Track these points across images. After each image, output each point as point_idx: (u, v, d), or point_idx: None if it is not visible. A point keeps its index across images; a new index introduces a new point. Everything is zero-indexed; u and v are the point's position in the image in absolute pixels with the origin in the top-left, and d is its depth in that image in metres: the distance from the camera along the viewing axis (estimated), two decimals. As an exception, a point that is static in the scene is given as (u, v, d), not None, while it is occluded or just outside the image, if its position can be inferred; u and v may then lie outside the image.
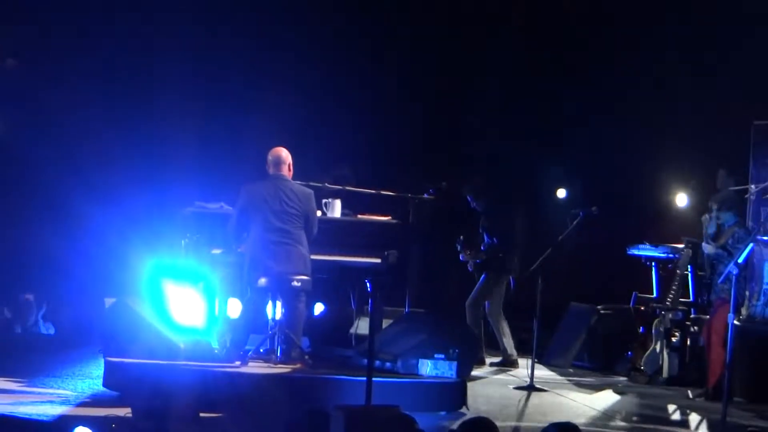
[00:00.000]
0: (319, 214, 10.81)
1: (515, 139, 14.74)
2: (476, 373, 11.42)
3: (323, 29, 14.61)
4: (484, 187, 12.48)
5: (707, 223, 11.45)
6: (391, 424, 7.30)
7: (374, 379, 8.37)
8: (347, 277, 11.29)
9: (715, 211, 11.39)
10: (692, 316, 12.24)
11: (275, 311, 10.26)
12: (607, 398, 11.14)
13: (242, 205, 10.33)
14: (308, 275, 10.26)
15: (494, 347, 12.43)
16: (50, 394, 9.54)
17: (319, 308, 11.67)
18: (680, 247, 12.09)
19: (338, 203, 11.37)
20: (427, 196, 11.52)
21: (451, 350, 10.05)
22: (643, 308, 12.47)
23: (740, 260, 9.30)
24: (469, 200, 12.47)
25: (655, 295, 12.75)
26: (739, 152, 12.74)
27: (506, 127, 14.88)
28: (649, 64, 14.35)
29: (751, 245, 9.69)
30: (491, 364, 12.25)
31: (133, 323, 10.00)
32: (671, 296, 11.90)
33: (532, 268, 11.22)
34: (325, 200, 11.32)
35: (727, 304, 9.98)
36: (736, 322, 9.30)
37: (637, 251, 12.83)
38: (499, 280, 12.30)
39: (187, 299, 10.26)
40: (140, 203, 12.79)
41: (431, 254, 12.72)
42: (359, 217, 11.47)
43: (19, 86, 13.59)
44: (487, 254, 12.26)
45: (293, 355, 10.16)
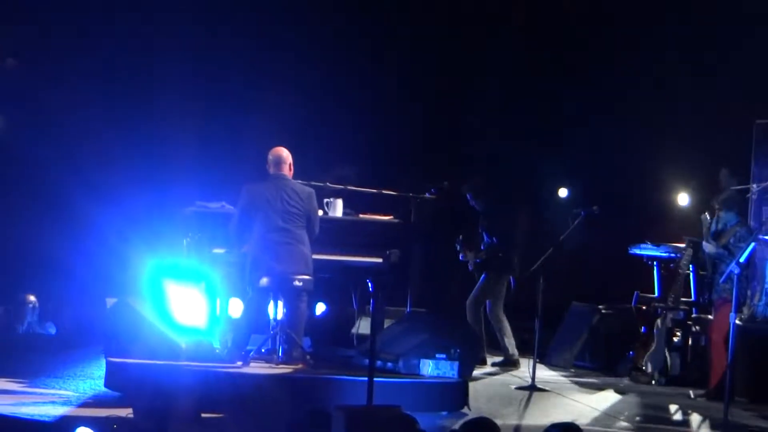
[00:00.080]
0: (320, 213, 10.81)
1: (515, 139, 14.73)
2: (478, 373, 11.39)
3: (323, 29, 14.60)
4: (483, 186, 12.46)
5: (707, 221, 11.44)
6: (392, 424, 7.29)
7: (376, 379, 8.34)
8: (349, 276, 11.28)
9: (717, 210, 11.39)
10: (694, 315, 12.25)
11: (277, 311, 10.24)
12: (608, 398, 11.12)
13: (244, 204, 10.32)
14: (310, 275, 10.24)
15: (496, 347, 12.41)
16: (52, 394, 9.53)
17: (320, 308, 11.64)
18: (682, 246, 12.08)
19: (340, 203, 11.36)
20: (428, 195, 11.52)
21: (452, 350, 10.04)
22: (644, 308, 12.45)
23: (742, 260, 9.32)
24: (468, 199, 12.44)
25: (656, 294, 12.75)
26: (739, 152, 12.73)
27: (506, 127, 14.87)
28: (649, 64, 14.35)
29: (752, 244, 9.70)
30: (493, 364, 12.23)
31: (134, 323, 10.00)
32: (673, 296, 11.89)
33: (533, 267, 11.21)
34: (326, 200, 11.31)
35: (728, 303, 9.99)
36: (737, 321, 9.30)
37: (638, 251, 12.83)
38: (499, 279, 12.28)
39: (188, 299, 10.25)
40: (141, 203, 12.79)
41: (433, 254, 12.73)
42: (361, 216, 11.46)
43: (19, 86, 13.57)
44: (486, 254, 12.24)
45: (295, 355, 10.15)
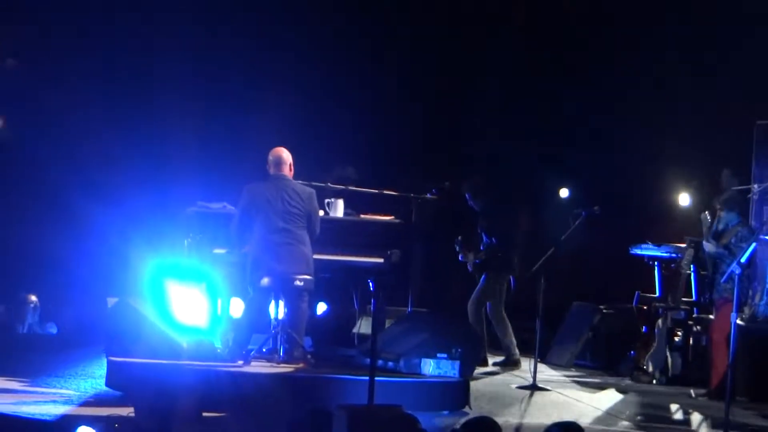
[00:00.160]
0: (321, 213, 10.80)
1: (515, 139, 14.73)
2: (479, 372, 11.39)
3: (323, 29, 14.60)
4: (483, 186, 12.44)
5: (707, 221, 11.43)
6: (393, 423, 7.29)
7: (377, 378, 8.30)
8: (350, 276, 11.30)
9: (719, 210, 11.39)
10: (695, 315, 12.24)
11: (278, 311, 10.24)
12: (609, 398, 11.12)
13: (245, 205, 10.31)
14: (311, 275, 10.24)
15: (497, 347, 12.41)
16: (53, 393, 9.53)
17: (321, 308, 11.64)
18: (683, 246, 12.09)
19: (341, 203, 11.35)
20: (429, 195, 11.52)
21: (453, 350, 10.03)
22: (645, 308, 12.44)
23: (743, 259, 9.29)
24: (467, 198, 12.43)
25: (657, 294, 12.73)
26: (739, 152, 12.73)
27: (506, 127, 14.87)
28: (649, 64, 14.35)
29: (754, 244, 9.68)
30: (494, 363, 12.22)
31: (135, 323, 10.00)
32: (674, 296, 11.89)
33: (534, 267, 11.21)
34: (327, 200, 11.30)
35: (729, 303, 9.97)
36: (738, 321, 9.29)
37: (639, 251, 12.81)
38: (499, 279, 12.27)
39: (190, 299, 10.24)
40: (142, 203, 12.80)
41: (434, 254, 12.74)
42: (362, 216, 11.46)
43: (19, 86, 13.57)
44: (486, 254, 12.24)
45: (296, 354, 10.14)
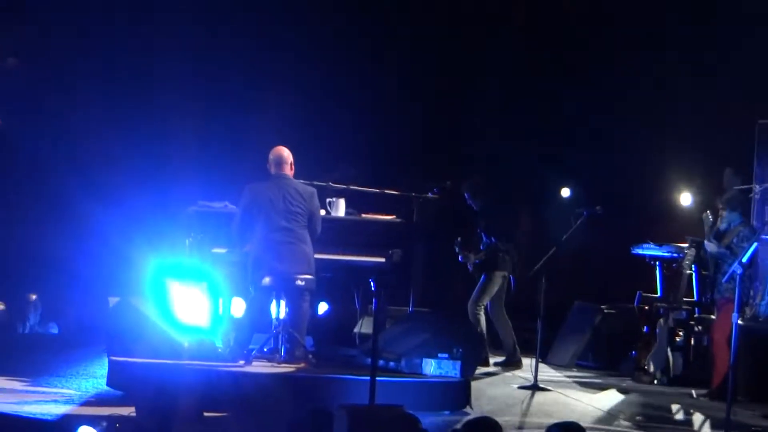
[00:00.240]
0: (323, 213, 10.79)
1: (515, 139, 14.73)
2: (480, 372, 11.39)
3: (323, 29, 14.60)
4: (483, 186, 12.42)
5: (709, 220, 11.43)
6: (394, 423, 7.28)
7: (378, 378, 8.28)
8: (351, 276, 11.29)
9: (721, 210, 11.38)
10: (696, 315, 12.23)
11: (279, 310, 10.23)
12: (611, 398, 11.12)
13: (246, 204, 10.30)
14: (312, 274, 10.22)
15: (498, 347, 12.41)
16: (54, 393, 9.51)
17: (323, 307, 11.63)
18: (684, 246, 12.07)
19: (342, 202, 11.34)
20: (431, 195, 11.51)
21: (454, 349, 10.02)
22: (647, 308, 12.42)
23: (745, 259, 9.29)
24: (466, 197, 12.41)
25: (659, 294, 12.72)
26: (739, 152, 12.72)
27: (506, 127, 14.87)
28: (649, 64, 14.34)
29: (755, 244, 9.68)
30: (495, 363, 12.22)
31: (137, 323, 9.98)
32: (675, 296, 11.88)
33: (535, 267, 11.20)
34: (329, 199, 11.29)
35: (731, 303, 9.97)
36: (740, 321, 9.28)
37: (641, 251, 12.80)
38: (499, 279, 12.25)
39: (191, 298, 10.23)
40: (143, 203, 12.79)
41: (435, 253, 12.74)
42: (363, 216, 11.44)
43: (19, 86, 13.56)
44: (486, 254, 12.23)
45: (297, 354, 10.13)
